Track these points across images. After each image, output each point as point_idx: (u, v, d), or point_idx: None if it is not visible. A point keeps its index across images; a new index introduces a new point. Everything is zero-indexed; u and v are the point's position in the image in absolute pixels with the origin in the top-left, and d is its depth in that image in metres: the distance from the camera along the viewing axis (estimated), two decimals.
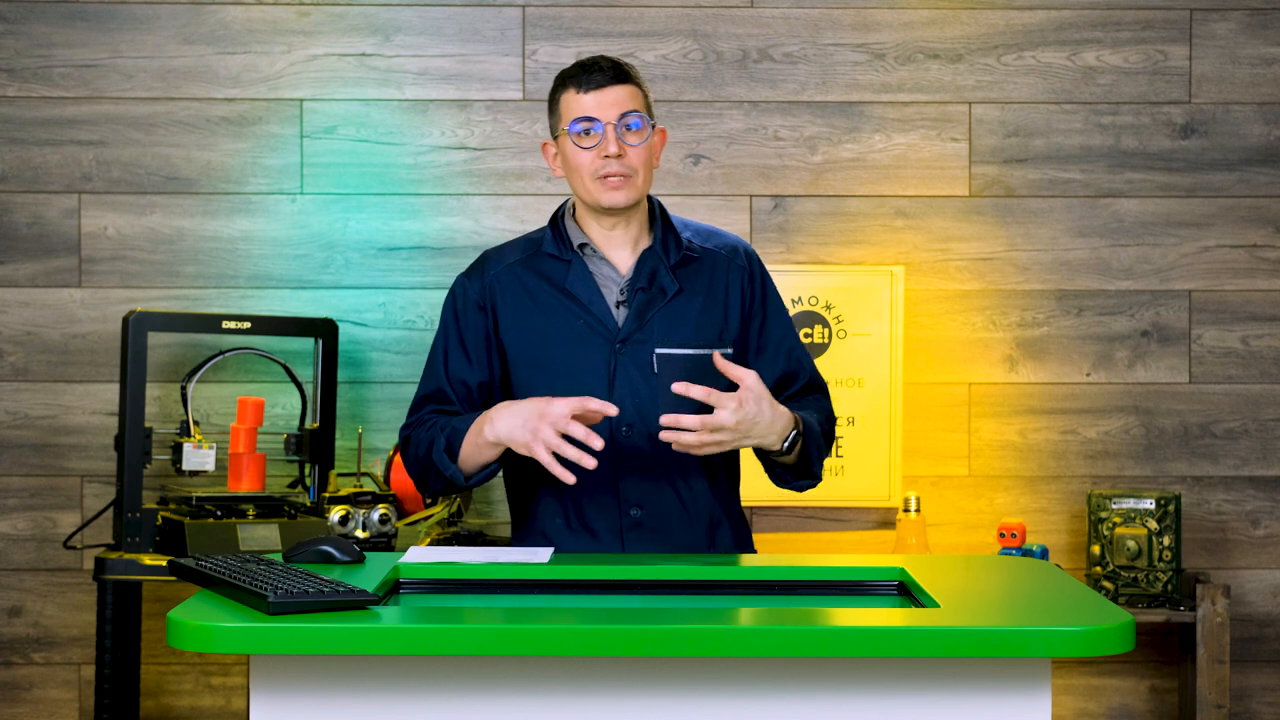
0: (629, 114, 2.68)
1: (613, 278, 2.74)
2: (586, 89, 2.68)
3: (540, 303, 2.74)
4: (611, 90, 2.68)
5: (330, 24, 3.98)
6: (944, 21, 4.00)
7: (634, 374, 2.70)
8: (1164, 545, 3.81)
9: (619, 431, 2.69)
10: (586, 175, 2.69)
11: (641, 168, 2.70)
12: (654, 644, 1.96)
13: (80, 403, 3.96)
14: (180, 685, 3.99)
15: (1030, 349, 4.00)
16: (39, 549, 3.96)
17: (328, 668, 2.04)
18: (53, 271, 3.96)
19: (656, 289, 2.72)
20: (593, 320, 2.71)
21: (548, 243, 2.77)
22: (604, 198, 2.69)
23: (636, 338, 2.70)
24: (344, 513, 3.63)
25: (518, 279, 2.76)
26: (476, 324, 2.76)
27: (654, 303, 2.72)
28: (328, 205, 3.98)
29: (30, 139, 3.96)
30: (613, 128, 2.67)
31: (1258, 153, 4.01)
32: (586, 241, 2.75)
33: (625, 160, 2.67)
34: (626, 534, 2.70)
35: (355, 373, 3.97)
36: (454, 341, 2.77)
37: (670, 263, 2.74)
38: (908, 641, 1.97)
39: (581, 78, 2.69)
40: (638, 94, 2.71)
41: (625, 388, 2.69)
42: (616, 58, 2.75)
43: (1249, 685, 4.01)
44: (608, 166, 2.67)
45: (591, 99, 2.68)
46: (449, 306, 2.80)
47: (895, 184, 4.00)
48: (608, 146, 2.66)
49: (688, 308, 2.73)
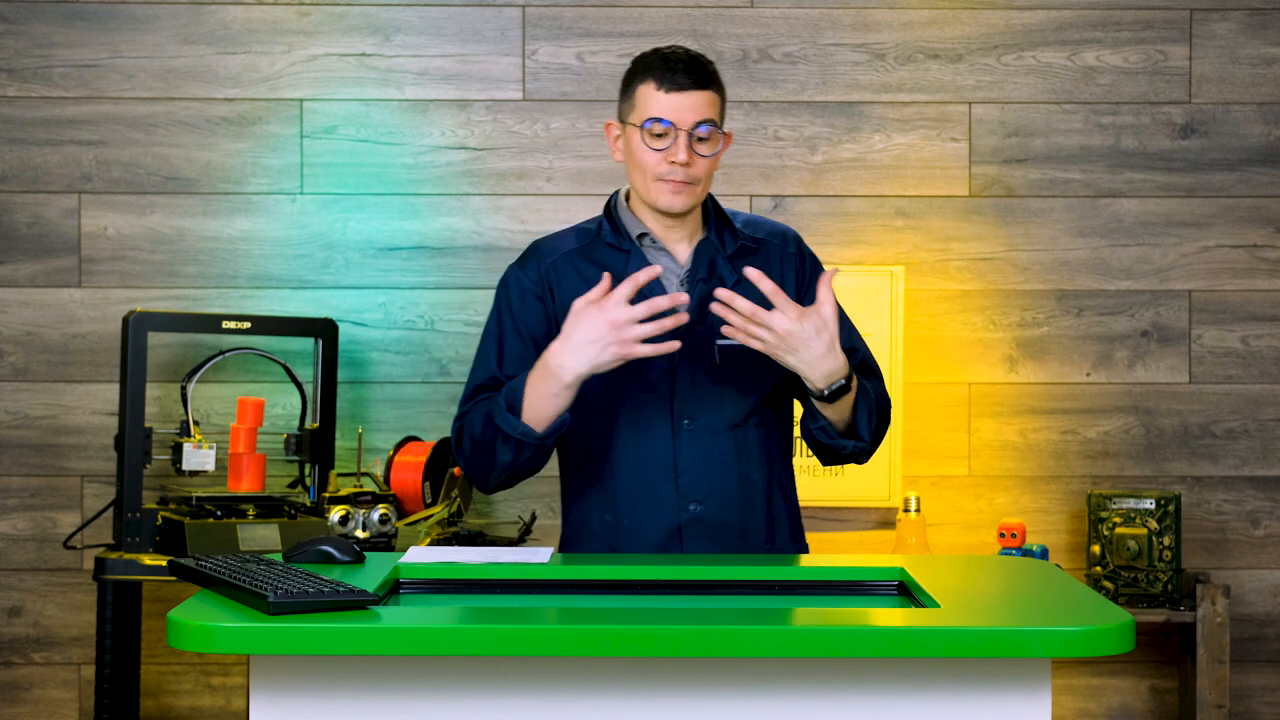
0: (704, 123, 2.62)
1: (672, 269, 2.70)
2: (668, 89, 2.61)
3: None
4: (692, 95, 2.61)
5: (330, 24, 3.98)
6: (944, 21, 4.00)
7: (696, 365, 2.65)
8: (1164, 545, 3.81)
9: (680, 424, 2.65)
10: (649, 174, 2.64)
11: (706, 176, 2.65)
12: (654, 644, 1.96)
13: (80, 403, 3.96)
14: (180, 685, 3.99)
15: (1030, 349, 4.00)
16: (39, 549, 3.96)
17: (328, 668, 2.03)
18: (53, 271, 3.96)
19: (716, 279, 2.68)
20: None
21: (606, 232, 2.72)
22: (662, 201, 2.64)
23: (697, 329, 2.65)
24: (344, 513, 3.63)
25: (574, 268, 2.70)
26: (535, 312, 2.69)
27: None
28: (328, 205, 3.98)
29: (30, 139, 3.96)
30: (685, 135, 2.60)
31: (1258, 153, 4.01)
32: (646, 232, 2.70)
33: (691, 169, 2.62)
34: (684, 530, 2.65)
35: (355, 373, 3.97)
36: (509, 330, 2.71)
37: (727, 253, 2.70)
38: (908, 641, 1.97)
39: (665, 75, 2.62)
40: (716, 101, 2.65)
41: (687, 379, 2.65)
42: (699, 54, 2.67)
43: (1249, 685, 4.01)
44: (673, 173, 2.61)
45: (671, 101, 2.61)
46: (501, 296, 2.73)
47: (895, 184, 4.00)
48: (677, 153, 2.60)
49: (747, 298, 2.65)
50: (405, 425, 3.95)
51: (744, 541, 2.67)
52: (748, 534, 2.68)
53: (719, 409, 2.65)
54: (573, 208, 3.97)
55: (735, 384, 2.67)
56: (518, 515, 3.93)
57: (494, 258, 3.96)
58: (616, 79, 3.98)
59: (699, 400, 2.66)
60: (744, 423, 2.68)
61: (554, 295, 2.70)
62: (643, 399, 2.66)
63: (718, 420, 2.64)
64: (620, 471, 2.67)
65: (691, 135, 2.61)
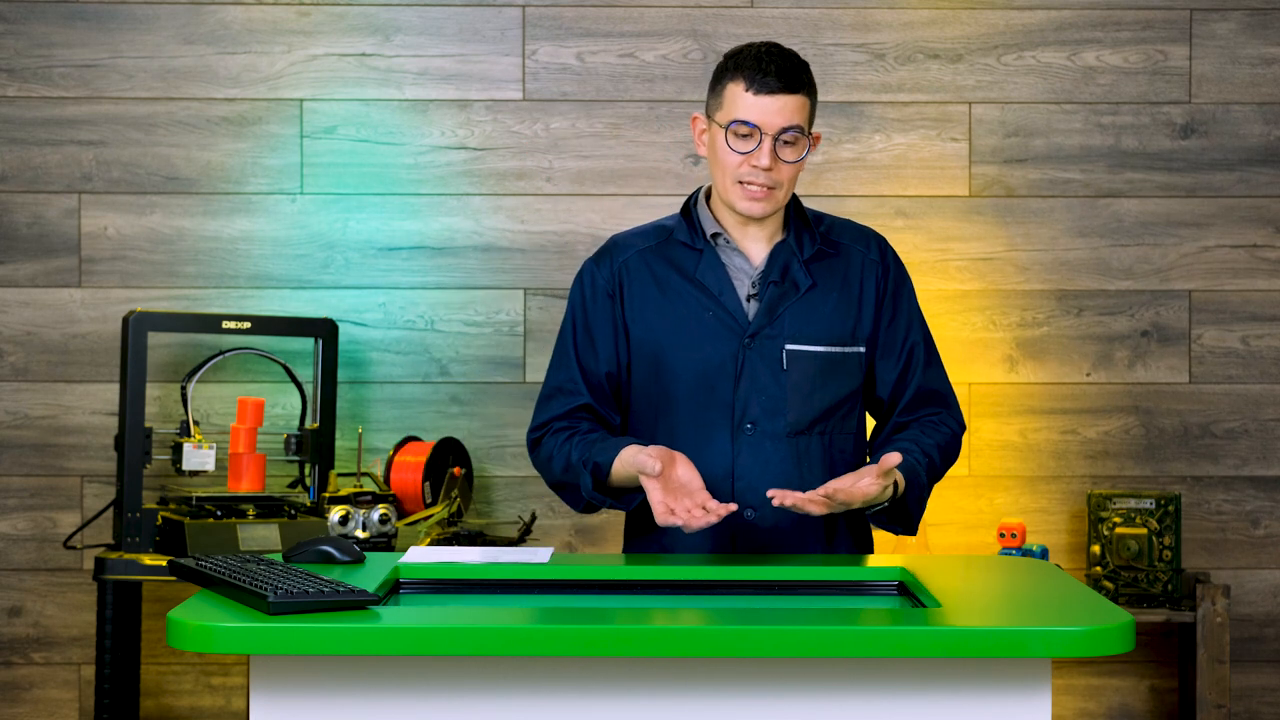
0: (792, 128, 2.57)
1: (745, 269, 2.66)
2: (757, 91, 2.56)
3: (669, 291, 2.65)
4: (781, 99, 2.56)
5: (330, 24, 3.98)
6: (944, 21, 4.00)
7: (761, 370, 2.62)
8: (1164, 545, 3.81)
9: (743, 429, 2.62)
10: (730, 175, 2.60)
11: (788, 182, 2.60)
12: (654, 644, 1.96)
13: (80, 403, 3.96)
14: (180, 685, 3.99)
15: (1030, 349, 4.00)
16: (39, 549, 3.96)
17: (328, 668, 2.03)
18: (53, 271, 3.96)
19: (789, 283, 2.64)
20: (722, 312, 2.63)
21: (680, 230, 2.69)
22: (740, 204, 2.61)
23: (767, 332, 2.62)
24: (344, 513, 3.63)
25: (647, 266, 2.68)
26: (605, 311, 2.68)
27: (786, 297, 2.64)
28: (328, 205, 3.98)
29: (30, 139, 3.96)
30: (771, 140, 2.56)
31: (1258, 153, 4.01)
32: (720, 231, 2.67)
33: (773, 174, 2.58)
34: (739, 536, 2.63)
35: (355, 373, 3.97)
36: (582, 330, 2.69)
37: (804, 257, 2.66)
38: (908, 641, 1.96)
39: (755, 76, 2.57)
40: (805, 105, 2.59)
41: (751, 383, 2.62)
42: (793, 53, 2.62)
43: (1249, 685, 4.01)
44: (754, 176, 2.58)
45: (759, 103, 2.56)
46: (576, 293, 2.71)
47: (895, 184, 4.00)
48: (760, 158, 2.56)
49: (821, 303, 2.65)
50: (405, 425, 3.95)
51: (800, 550, 2.64)
52: (804, 543, 2.65)
53: (781, 415, 2.62)
54: (573, 208, 3.97)
55: (800, 391, 2.63)
56: (518, 515, 3.93)
57: (494, 258, 3.97)
58: (616, 79, 4.01)
59: (762, 406, 2.62)
60: (807, 430, 2.64)
61: (624, 293, 2.68)
62: (706, 401, 2.63)
63: (779, 426, 2.61)
64: None
65: (777, 140, 2.57)
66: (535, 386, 3.94)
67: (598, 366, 2.68)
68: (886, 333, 2.71)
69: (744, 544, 2.63)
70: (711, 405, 2.63)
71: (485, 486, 3.97)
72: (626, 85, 3.99)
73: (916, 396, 2.72)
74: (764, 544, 2.63)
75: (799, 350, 2.63)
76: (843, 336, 2.66)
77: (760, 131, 2.56)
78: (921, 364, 2.73)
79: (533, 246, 3.98)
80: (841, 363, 2.64)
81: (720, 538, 2.63)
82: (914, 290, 2.77)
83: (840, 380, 2.64)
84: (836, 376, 2.63)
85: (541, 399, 2.72)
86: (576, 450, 2.63)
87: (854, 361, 2.68)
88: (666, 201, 3.92)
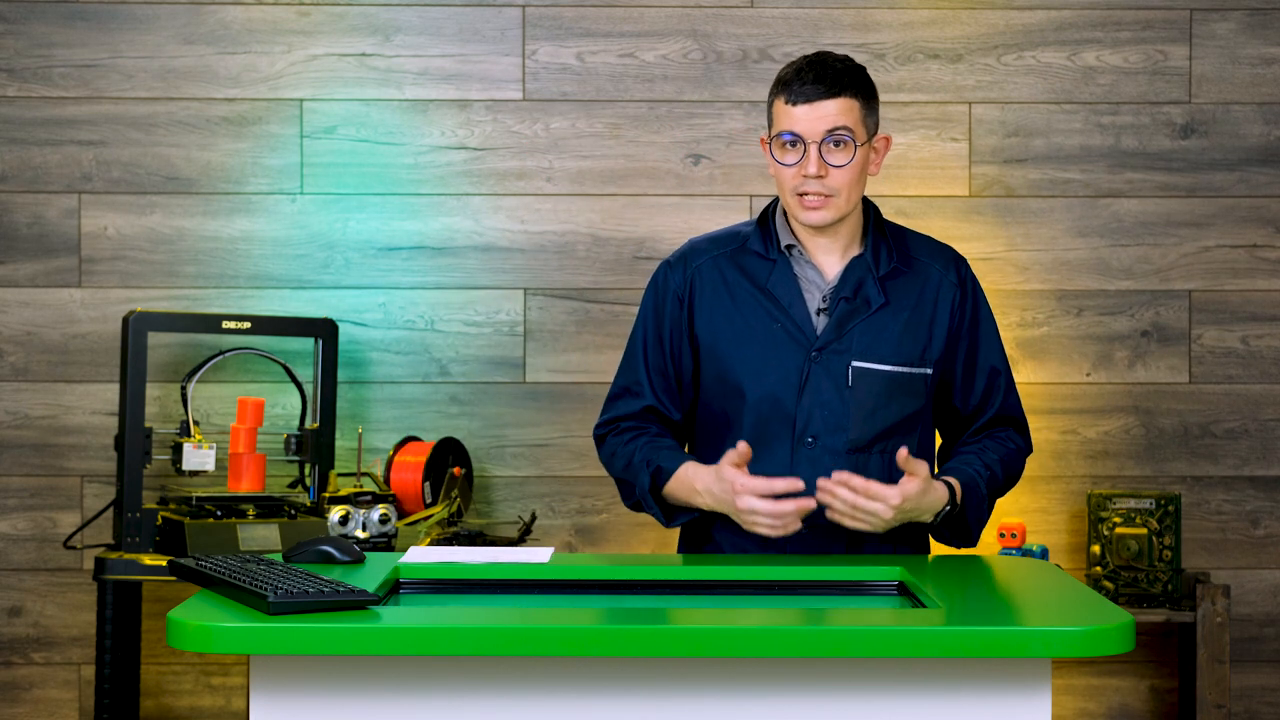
0: (837, 130, 2.56)
1: (816, 283, 2.65)
2: (795, 101, 2.57)
3: (739, 299, 2.65)
4: (821, 105, 2.56)
5: (330, 24, 3.98)
6: (944, 21, 4.00)
7: (826, 384, 2.61)
8: (1164, 545, 3.81)
9: (804, 442, 2.62)
10: (786, 190, 2.61)
11: (844, 187, 2.58)
12: (654, 644, 1.96)
13: (80, 403, 3.96)
14: (180, 685, 3.99)
15: (1030, 349, 4.00)
16: (39, 549, 3.96)
17: (328, 668, 2.04)
18: (53, 271, 3.96)
19: (861, 300, 2.63)
20: (790, 324, 2.63)
21: (754, 239, 2.69)
22: (800, 215, 2.61)
23: (834, 347, 2.61)
24: (344, 513, 3.63)
25: (719, 272, 2.67)
26: (675, 315, 2.68)
27: (856, 313, 2.63)
28: (328, 205, 3.98)
29: (30, 139, 3.96)
30: (816, 147, 2.56)
31: (1258, 153, 4.01)
32: (794, 243, 2.66)
33: (826, 181, 2.57)
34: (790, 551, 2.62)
35: (355, 373, 3.97)
36: (652, 334, 2.70)
37: (880, 274, 2.65)
38: (908, 641, 1.97)
39: (792, 86, 2.58)
40: (852, 107, 2.58)
41: (814, 397, 2.61)
42: (841, 58, 2.61)
43: (1249, 685, 4.01)
44: (806, 185, 2.57)
45: (798, 113, 2.57)
46: (649, 297, 2.73)
47: (895, 184, 4.00)
48: (807, 166, 2.56)
49: (892, 322, 2.64)
50: (405, 425, 3.95)
51: None
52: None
53: (842, 431, 2.61)
54: (573, 208, 3.97)
55: (863, 408, 2.62)
56: (518, 515, 3.93)
57: (494, 258, 3.97)
58: (616, 79, 4.01)
59: (823, 420, 2.62)
60: (867, 448, 2.64)
61: (694, 298, 2.68)
62: (769, 413, 2.63)
63: (839, 442, 2.61)
64: None
65: (823, 146, 2.56)
66: (535, 386, 3.95)
67: (665, 369, 2.70)
68: (964, 361, 2.70)
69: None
70: (774, 417, 2.62)
71: (485, 486, 3.97)
72: (626, 85, 3.99)
73: (993, 420, 2.73)
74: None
75: (865, 368, 2.62)
76: (911, 357, 2.65)
77: (804, 140, 2.57)
78: (1003, 390, 2.73)
79: (533, 246, 3.98)
80: (907, 383, 2.64)
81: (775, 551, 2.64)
82: (992, 313, 2.76)
83: (904, 400, 2.64)
84: (901, 396, 2.63)
85: (609, 398, 2.77)
86: (641, 451, 2.66)
87: (920, 382, 2.67)
88: (667, 201, 3.93)
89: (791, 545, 2.62)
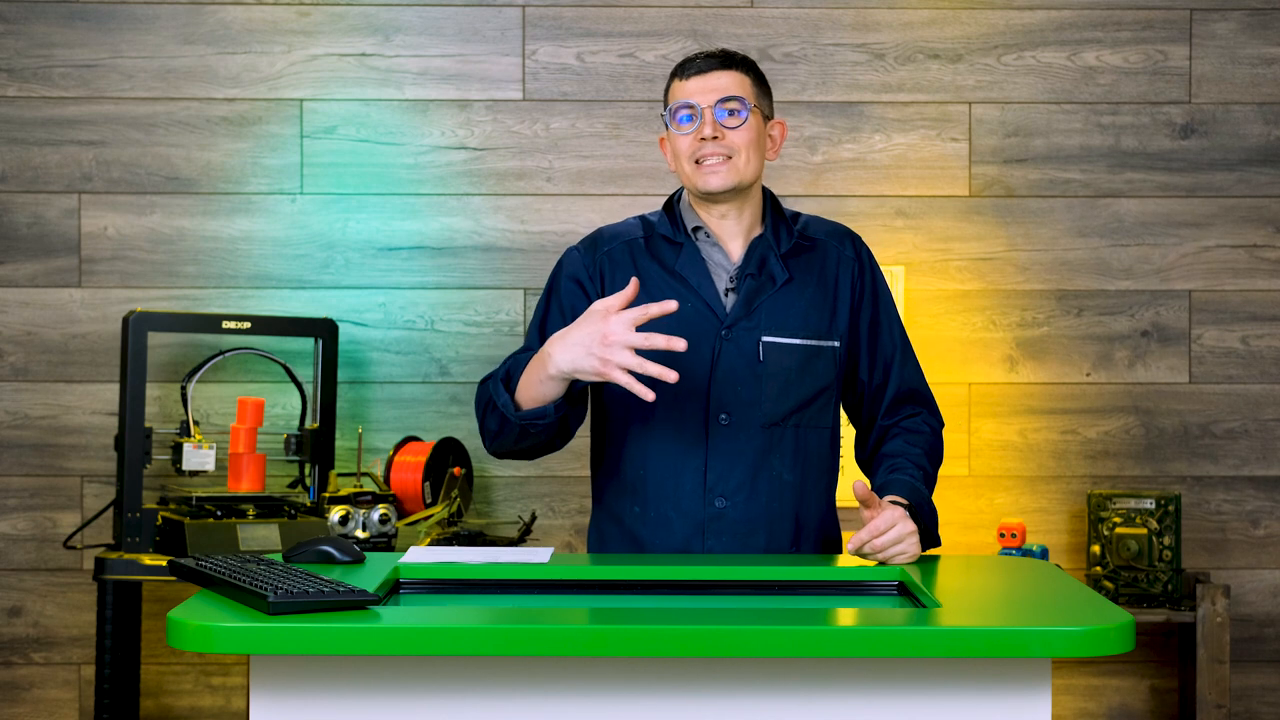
0: (729, 99, 2.64)
1: (723, 264, 2.70)
2: (687, 75, 2.66)
3: (650, 283, 2.68)
4: (713, 76, 2.65)
5: (330, 24, 3.98)
6: (944, 21, 4.00)
7: (738, 361, 2.65)
8: (1164, 545, 3.81)
9: (716, 419, 2.64)
10: (685, 159, 2.66)
11: (743, 149, 2.65)
12: (654, 644, 1.96)
13: (80, 403, 3.96)
14: (180, 685, 3.99)
15: (1030, 349, 4.00)
16: (39, 549, 3.96)
17: (328, 668, 2.03)
18: (53, 271, 3.96)
19: (766, 276, 2.68)
20: (700, 304, 2.66)
21: (662, 224, 2.74)
22: (700, 181, 2.65)
23: (744, 325, 2.66)
24: (344, 513, 3.63)
25: (630, 257, 2.72)
26: (577, 295, 2.70)
27: (762, 290, 2.67)
28: (328, 205, 3.98)
29: (30, 139, 3.96)
30: (710, 110, 2.63)
31: (1258, 153, 4.01)
32: (701, 225, 2.71)
33: (723, 141, 2.63)
34: (708, 525, 2.64)
35: (355, 373, 3.97)
36: (554, 308, 2.72)
37: (781, 251, 2.70)
38: (908, 641, 1.96)
39: (685, 65, 2.68)
40: (744, 81, 2.67)
41: (727, 375, 2.64)
42: (734, 50, 2.73)
43: (1249, 685, 4.01)
44: (704, 149, 2.63)
45: (691, 85, 2.65)
46: (554, 275, 2.75)
47: (895, 184, 4.00)
48: (704, 129, 2.63)
49: (797, 297, 2.68)
50: (405, 425, 3.95)
51: (769, 542, 2.66)
52: (773, 535, 2.67)
53: (756, 407, 2.64)
54: (573, 208, 3.97)
55: (776, 384, 2.66)
56: (518, 515, 3.93)
57: (494, 258, 3.97)
58: (616, 79, 4.00)
59: (736, 397, 2.64)
60: (781, 423, 2.66)
61: (604, 282, 2.71)
62: (681, 391, 2.64)
63: (754, 418, 2.63)
64: (651, 462, 2.66)
65: (717, 110, 2.63)
66: None
67: None
68: (867, 334, 2.75)
69: (714, 534, 2.64)
70: (687, 396, 2.65)
71: (485, 486, 3.97)
72: (626, 85, 3.99)
73: (897, 397, 2.77)
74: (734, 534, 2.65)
75: (775, 342, 2.66)
76: (819, 330, 2.70)
77: (698, 107, 2.64)
78: (899, 363, 2.78)
79: (533, 246, 3.98)
80: (817, 356, 2.68)
81: (691, 526, 2.65)
82: (889, 288, 2.82)
83: (815, 374, 2.67)
84: (812, 370, 2.66)
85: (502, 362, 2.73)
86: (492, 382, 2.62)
87: (829, 355, 2.71)
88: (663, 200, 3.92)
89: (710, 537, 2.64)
